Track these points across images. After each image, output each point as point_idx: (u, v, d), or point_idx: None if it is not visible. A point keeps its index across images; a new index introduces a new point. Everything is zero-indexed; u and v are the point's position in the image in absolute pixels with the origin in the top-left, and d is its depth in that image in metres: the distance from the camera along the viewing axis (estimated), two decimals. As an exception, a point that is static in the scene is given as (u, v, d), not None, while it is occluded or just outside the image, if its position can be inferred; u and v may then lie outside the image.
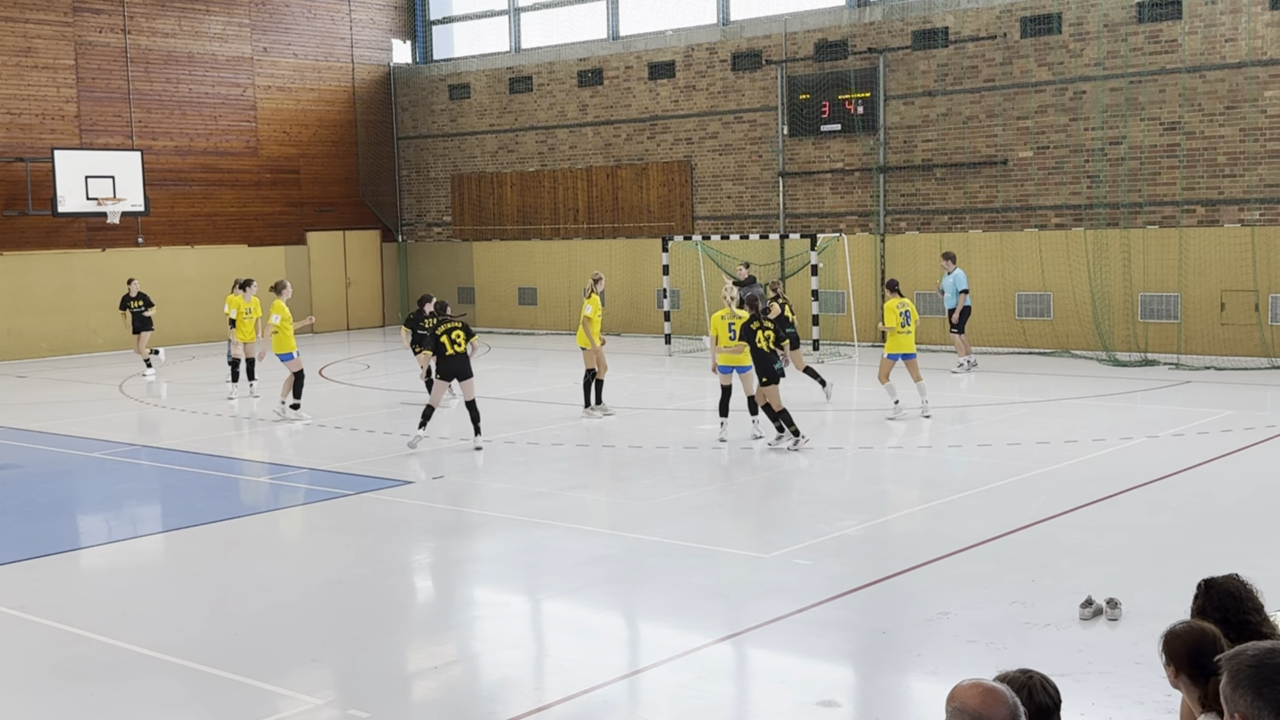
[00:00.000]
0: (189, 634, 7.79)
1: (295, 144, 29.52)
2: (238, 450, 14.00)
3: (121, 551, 10.20)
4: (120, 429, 15.83)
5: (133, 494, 12.42)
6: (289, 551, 9.87)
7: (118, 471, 13.28)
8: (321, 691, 6.78)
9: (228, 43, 28.20)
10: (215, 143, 28.11)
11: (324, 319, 30.25)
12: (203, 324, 28.02)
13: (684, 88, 26.24)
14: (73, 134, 25.84)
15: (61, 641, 7.68)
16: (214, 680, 6.94)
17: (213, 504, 11.53)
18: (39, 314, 25.56)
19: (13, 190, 25.06)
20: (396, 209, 31.47)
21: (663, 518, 10.48)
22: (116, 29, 26.42)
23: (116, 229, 26.49)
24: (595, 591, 8.63)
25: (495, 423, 15.64)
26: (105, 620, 8.04)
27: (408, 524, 10.67)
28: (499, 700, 6.63)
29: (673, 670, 7.01)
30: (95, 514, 11.79)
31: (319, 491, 11.80)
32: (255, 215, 29.01)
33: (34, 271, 25.48)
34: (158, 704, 6.68)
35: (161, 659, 7.26)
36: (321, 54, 29.86)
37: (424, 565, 9.77)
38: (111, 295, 26.55)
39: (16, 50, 25.00)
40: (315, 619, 8.10)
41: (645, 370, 21.09)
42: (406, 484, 12.02)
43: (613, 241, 27.56)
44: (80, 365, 24.21)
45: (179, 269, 27.60)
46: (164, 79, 27.19)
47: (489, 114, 29.44)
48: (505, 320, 29.46)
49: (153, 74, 27.00)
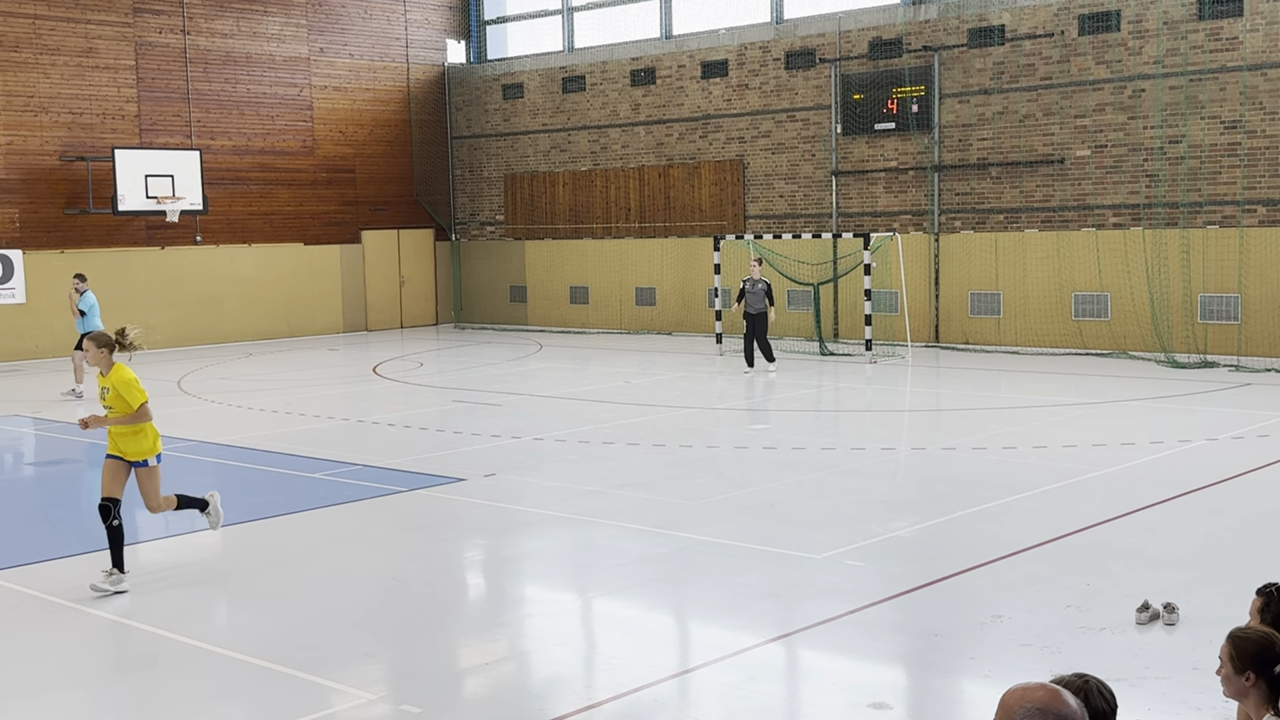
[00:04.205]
0: (245, 628, 7.89)
1: (351, 143, 29.80)
2: (293, 447, 14.16)
3: (180, 546, 10.35)
4: (179, 425, 16.06)
5: (190, 490, 12.58)
6: (343, 547, 9.97)
7: (176, 467, 13.47)
8: (374, 687, 6.84)
9: (285, 43, 28.52)
10: (272, 142, 28.43)
11: (378, 317, 30.53)
12: (259, 321, 28.37)
13: (737, 86, 26.19)
14: (133, 133, 26.24)
15: (120, 634, 7.81)
16: (269, 674, 7.03)
17: (269, 499, 11.67)
18: (100, 310, 25.94)
19: (74, 189, 25.50)
20: (450, 208, 31.68)
21: (713, 517, 10.47)
22: (176, 30, 26.80)
23: (175, 227, 26.89)
24: (645, 590, 8.64)
25: (546, 421, 15.71)
26: (163, 614, 8.17)
27: (460, 521, 10.74)
28: (549, 697, 6.66)
29: (723, 670, 7.01)
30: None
31: (373, 488, 11.91)
32: (311, 214, 29.32)
33: (95, 269, 25.88)
34: (214, 697, 6.77)
35: (218, 652, 7.36)
36: (377, 54, 30.11)
37: (475, 562, 9.83)
38: (170, 292, 26.97)
39: (78, 51, 25.44)
40: (369, 614, 8.18)
41: (696, 369, 21.08)
42: (459, 481, 12.10)
43: (664, 240, 27.57)
44: (139, 362, 24.57)
45: (236, 267, 27.96)
46: (222, 79, 27.55)
47: (542, 113, 29.55)
48: (556, 319, 29.56)
49: (211, 74, 27.37)
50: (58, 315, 25.36)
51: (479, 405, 17.33)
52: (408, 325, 31.14)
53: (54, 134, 25.21)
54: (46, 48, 25.01)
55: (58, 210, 25.36)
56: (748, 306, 20.04)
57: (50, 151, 25.16)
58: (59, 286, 25.36)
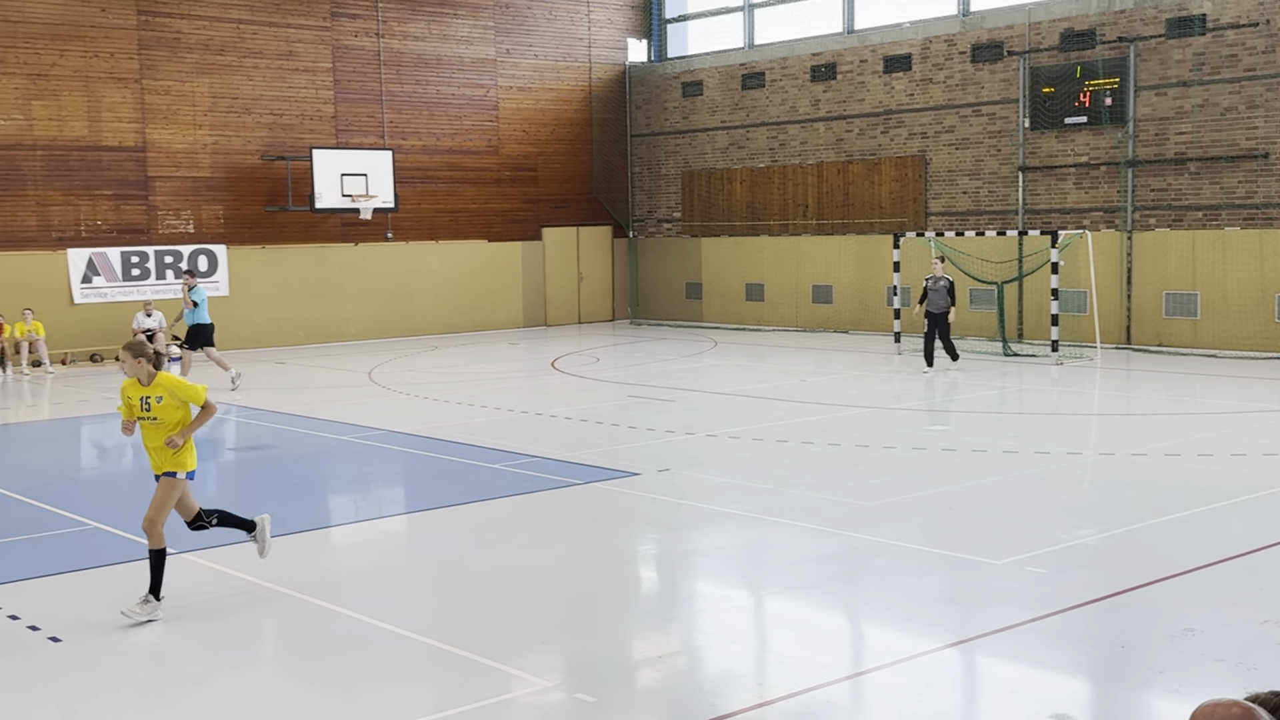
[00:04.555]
0: (427, 611, 8.15)
1: (534, 142, 30.39)
2: (474, 438, 14.53)
3: (367, 530, 10.75)
4: (368, 414, 16.67)
5: (378, 476, 13.07)
6: (521, 537, 10.19)
7: (365, 455, 14.00)
8: (550, 675, 6.98)
9: (473, 45, 29.27)
10: (459, 142, 29.22)
11: (556, 312, 31.06)
12: (445, 316, 29.20)
13: (920, 81, 25.71)
14: (330, 134, 27.32)
15: (310, 614, 8.16)
16: (450, 657, 7.24)
17: (452, 488, 12.02)
18: (297, 304, 27.16)
19: (275, 187, 26.70)
20: (628, 205, 31.99)
21: (888, 518, 10.32)
22: (371, 33, 27.80)
23: (368, 224, 27.90)
24: (818, 590, 8.58)
25: (720, 417, 15.73)
26: (351, 595, 8.50)
27: (633, 515, 10.86)
28: (721, 693, 6.68)
29: (897, 674, 6.91)
30: (344, 494, 12.46)
31: (549, 480, 12.13)
32: (495, 212, 30.02)
33: (293, 264, 27.09)
34: (397, 677, 7.01)
35: (402, 634, 7.62)
36: (560, 54, 30.63)
37: (648, 556, 9.92)
38: (362, 287, 27.99)
39: (279, 54, 26.62)
40: (545, 603, 8.35)
41: (873, 368, 20.80)
42: (633, 475, 12.23)
43: (842, 238, 27.27)
44: (333, 353, 25.61)
45: (424, 262, 28.84)
46: (414, 81, 28.44)
47: (720, 110, 29.57)
48: (732, 316, 29.55)
49: (404, 76, 28.29)
50: (257, 307, 26.62)
51: (654, 401, 17.47)
52: (585, 321, 31.60)
53: (256, 134, 26.44)
54: (250, 51, 26.26)
55: (259, 207, 26.60)
56: (930, 305, 19.69)
57: (253, 151, 26.41)
58: (259, 280, 26.62)
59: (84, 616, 8.02)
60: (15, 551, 9.89)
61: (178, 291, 25.58)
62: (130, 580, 8.86)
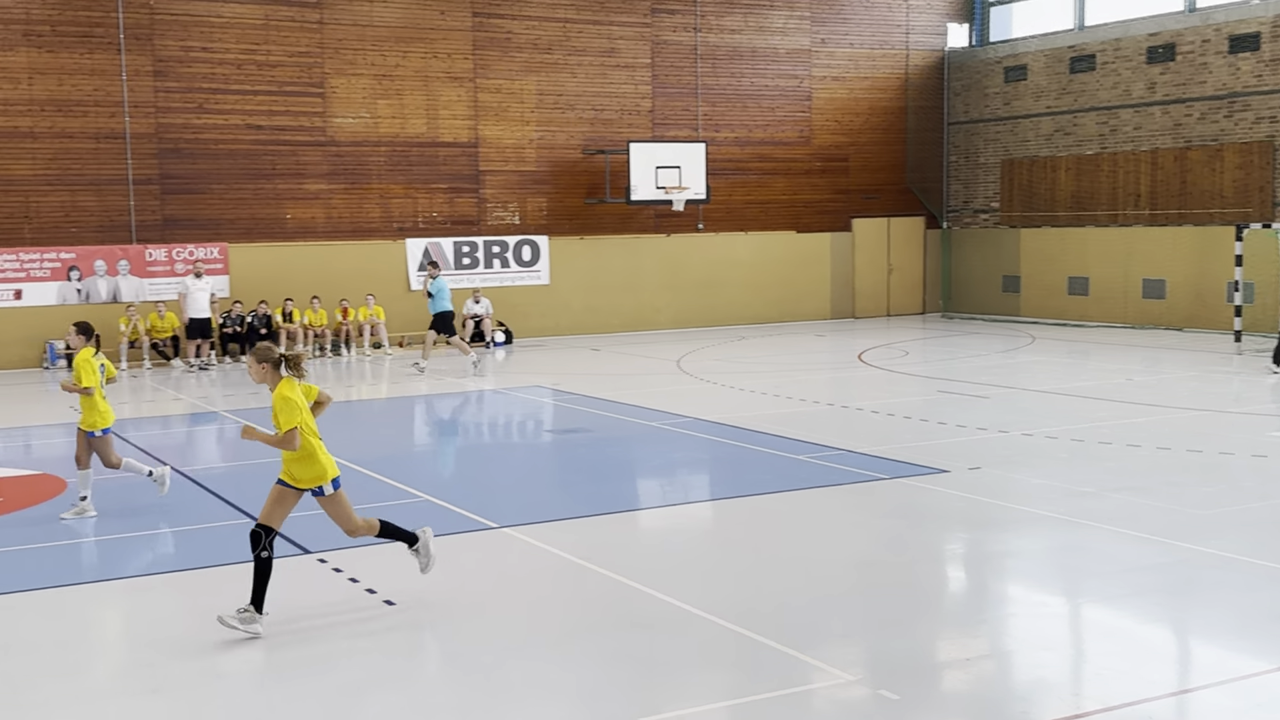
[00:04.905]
0: (730, 597, 8.26)
1: (846, 132, 30.11)
2: (779, 428, 14.58)
3: (675, 515, 11.00)
4: (677, 401, 17.02)
5: (686, 462, 13.34)
6: (825, 528, 10.16)
7: (674, 441, 14.32)
8: (852, 668, 6.93)
9: (788, 36, 29.29)
10: (771, 133, 29.33)
11: (865, 304, 30.68)
12: (752, 306, 29.42)
13: (1269, 61, 23.76)
14: (646, 128, 28.03)
15: (618, 592, 8.43)
16: (751, 643, 7.32)
17: (757, 477, 12.12)
18: (612, 293, 28.05)
19: (594, 180, 27.65)
20: (942, 195, 31.18)
21: (1222, 529, 9.64)
22: (689, 28, 28.30)
23: (680, 216, 28.46)
24: (1141, 601, 8.12)
25: (1037, 416, 15.12)
26: (658, 577, 8.72)
27: (941, 512, 10.61)
28: (1032, 701, 6.44)
29: (1225, 694, 6.46)
30: (653, 479, 12.79)
31: (854, 473, 12.03)
32: (804, 203, 29.96)
33: (608, 254, 27.98)
34: (701, 659, 7.15)
35: (706, 618, 7.76)
36: (877, 42, 30.19)
37: (956, 555, 9.68)
38: (673, 277, 28.59)
39: (601, 51, 27.52)
40: (847, 597, 8.30)
41: (1210, 368, 19.43)
42: (941, 473, 11.95)
43: (1178, 229, 25.58)
44: (645, 341, 26.30)
45: (733, 253, 29.15)
46: (729, 74, 28.77)
47: (1046, 95, 28.34)
48: (1053, 310, 28.30)
49: (719, 69, 28.66)
50: (575, 295, 27.66)
51: (965, 396, 16.98)
52: (894, 313, 31.06)
53: (578, 129, 27.46)
54: (575, 49, 27.28)
55: (578, 199, 27.62)
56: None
57: (574, 145, 27.44)
58: (577, 270, 27.64)
59: (417, 583, 8.60)
60: (356, 518, 10.72)
61: (503, 281, 26.94)
62: (457, 552, 9.44)
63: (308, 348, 24.49)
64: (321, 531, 10.02)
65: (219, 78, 24.22)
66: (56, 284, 23.27)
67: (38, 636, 7.76)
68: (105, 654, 7.68)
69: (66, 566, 9.56)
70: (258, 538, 7.64)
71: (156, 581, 9.00)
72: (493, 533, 10.02)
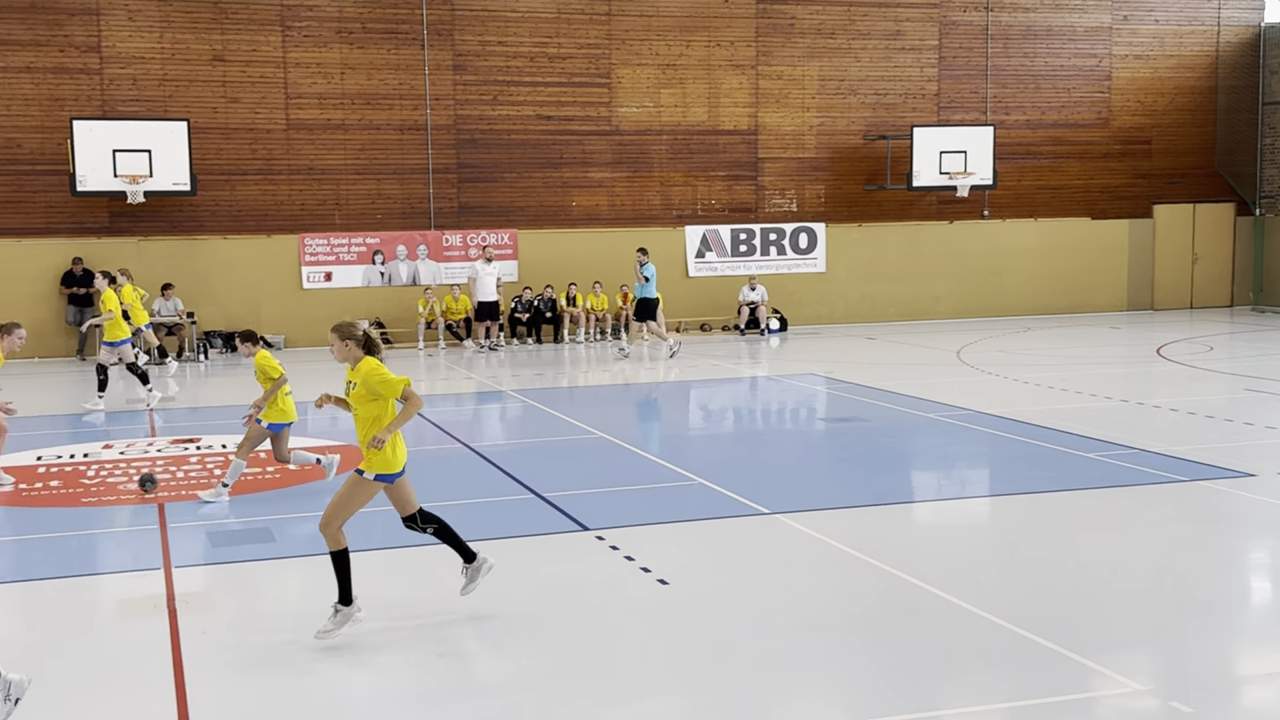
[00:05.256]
0: (1010, 597, 7.97)
1: (1148, 113, 28.48)
2: (1066, 424, 13.96)
3: (952, 509, 10.72)
4: (955, 393, 16.57)
5: (964, 456, 12.97)
6: (1113, 530, 9.66)
7: (952, 433, 13.94)
8: (1140, 677, 6.57)
9: (1087, 14, 27.95)
10: (1065, 115, 28.08)
11: (1165, 296, 28.97)
12: (1040, 296, 28.30)
13: None
14: (931, 112, 27.36)
15: (890, 585, 8.28)
16: (1031, 645, 7.04)
17: (1040, 474, 11.64)
18: (889, 281, 27.56)
19: (874, 166, 27.22)
20: (1256, 180, 29.02)
21: None
22: (980, 7, 27.42)
23: (963, 202, 27.66)
24: None
25: (1360, 420, 13.89)
26: (932, 571, 8.51)
27: (1246, 518, 9.90)
28: (1344, 727, 5.93)
29: None
30: (929, 471, 12.49)
31: (1149, 474, 11.37)
32: (1100, 188, 28.55)
33: (887, 241, 27.50)
34: (975, 658, 6.94)
35: (982, 615, 7.53)
36: (1185, 18, 28.41)
37: (1260, 565, 9.00)
38: (955, 265, 27.81)
39: (886, 34, 27.03)
40: (1136, 602, 7.86)
41: None
42: (1247, 476, 11.14)
43: None
44: (922, 330, 25.71)
45: (1021, 240, 28.09)
46: (1021, 54, 27.72)
47: (1378, 71, 25.91)
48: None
49: (1011, 49, 27.65)
50: (851, 283, 27.34)
51: (1276, 396, 15.76)
52: (1197, 306, 29.17)
53: (859, 114, 27.08)
54: (859, 33, 26.91)
55: (857, 186, 27.26)
56: None
57: (855, 131, 27.08)
58: (854, 258, 27.31)
59: (690, 564, 8.71)
60: (631, 499, 10.96)
61: (779, 268, 26.92)
62: (728, 536, 9.52)
63: (590, 333, 25.24)
64: (601, 508, 10.31)
65: (513, 70, 25.22)
66: (362, 267, 24.85)
67: (379, 595, 8.31)
68: (412, 612, 8.11)
69: (361, 533, 10.18)
70: (413, 525, 7.57)
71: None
72: (764, 518, 10.05)
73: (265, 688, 6.65)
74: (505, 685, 6.69)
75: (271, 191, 24.37)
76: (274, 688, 6.64)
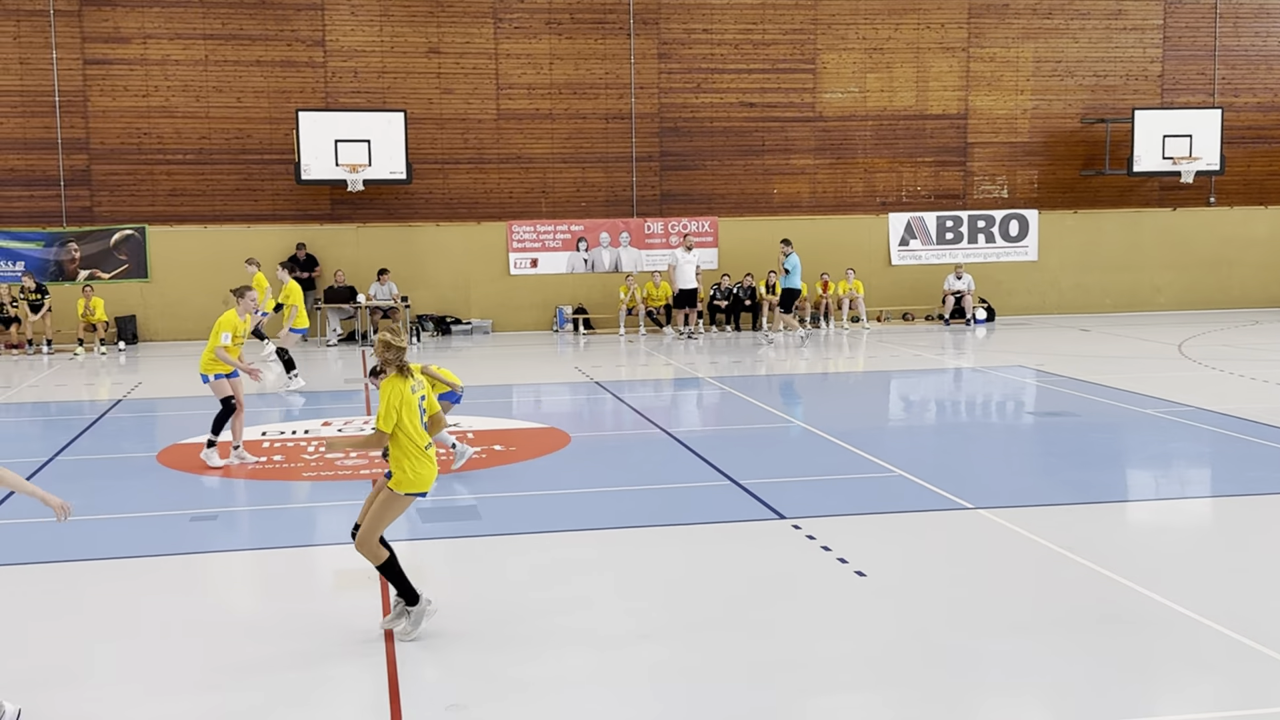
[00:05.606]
0: (1227, 600, 7.57)
1: (1397, 93, 26.54)
2: (1298, 423, 13.14)
3: (1168, 509, 10.24)
4: (1175, 388, 15.81)
5: (1184, 454, 12.36)
6: (1348, 539, 9.06)
7: (1170, 430, 13.31)
8: (1374, 696, 6.15)
9: (1326, -14, 26.23)
10: (1302, 96, 26.43)
11: None
12: (1271, 288, 26.76)
13: None
14: (1154, 94, 26.14)
15: (1100, 585, 7.97)
16: (1250, 653, 6.67)
17: (1266, 475, 11.00)
18: (1105, 270, 26.48)
19: (1092, 150, 26.17)
20: None
21: None
22: (1206, -16, 26.04)
23: (1188, 188, 26.34)
24: None
25: None
26: (1145, 572, 8.15)
27: None
28: None
29: None
30: (1145, 469, 11.96)
31: (1390, 479, 10.61)
32: (1341, 173, 26.77)
33: (1104, 229, 26.42)
34: (1189, 663, 6.63)
35: (1197, 619, 7.17)
36: None
37: None
38: (1177, 254, 26.52)
39: (1107, 14, 25.94)
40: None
41: None
42: None
43: None
44: (1140, 322, 24.62)
45: (1250, 229, 26.59)
46: (1253, 33, 26.20)
47: None
48: None
49: (1241, 28, 26.16)
50: (1064, 272, 26.39)
51: None
52: None
53: (1077, 97, 26.07)
54: (1078, 13, 25.89)
55: (1073, 172, 26.25)
56: None
57: (1071, 114, 26.08)
58: (1068, 246, 26.35)
59: (886, 555, 8.59)
60: (830, 489, 10.86)
61: (987, 257, 26.19)
62: (928, 530, 9.33)
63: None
64: (798, 497, 10.26)
65: (717, 58, 25.25)
66: (566, 254, 25.34)
67: (561, 574, 8.52)
68: (604, 591, 8.26)
69: (564, 514, 10.40)
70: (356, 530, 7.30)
71: (657, 534, 9.57)
72: (966, 513, 9.81)
73: (471, 660, 6.87)
74: (698, 670, 6.72)
75: (481, 180, 25.08)
76: (481, 662, 6.86)
